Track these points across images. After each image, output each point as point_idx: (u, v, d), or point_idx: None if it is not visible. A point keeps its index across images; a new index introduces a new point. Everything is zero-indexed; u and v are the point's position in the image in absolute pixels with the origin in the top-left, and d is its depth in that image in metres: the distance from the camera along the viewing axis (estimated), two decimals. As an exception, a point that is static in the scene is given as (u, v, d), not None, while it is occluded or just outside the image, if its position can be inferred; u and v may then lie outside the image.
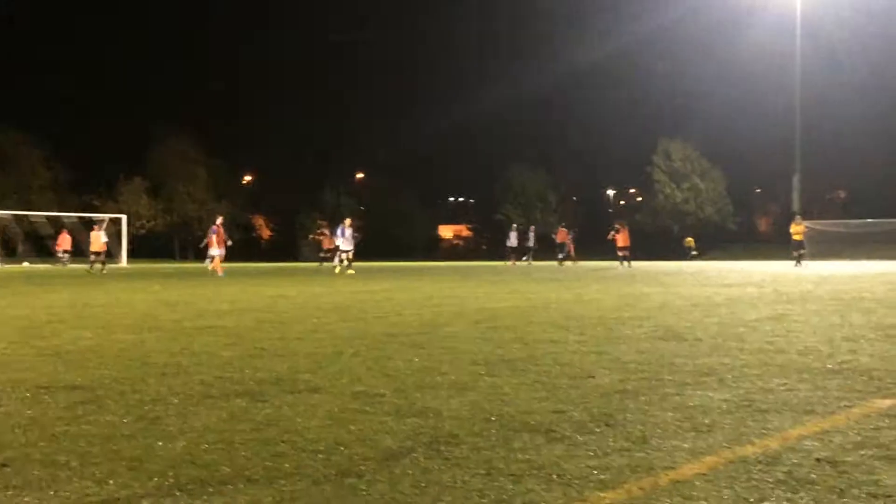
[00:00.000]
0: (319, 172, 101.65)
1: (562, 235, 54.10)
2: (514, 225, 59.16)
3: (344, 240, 37.46)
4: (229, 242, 37.04)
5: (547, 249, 58.05)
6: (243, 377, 6.87)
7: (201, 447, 4.58)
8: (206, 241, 36.28)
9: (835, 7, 68.67)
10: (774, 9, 65.70)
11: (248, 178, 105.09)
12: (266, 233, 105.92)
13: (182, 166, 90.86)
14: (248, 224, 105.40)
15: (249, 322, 11.86)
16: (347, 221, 38.26)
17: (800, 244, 42.20)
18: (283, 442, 4.68)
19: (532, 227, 57.15)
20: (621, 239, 45.09)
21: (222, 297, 18.18)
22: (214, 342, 9.32)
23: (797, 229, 42.44)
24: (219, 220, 35.97)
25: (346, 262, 36.60)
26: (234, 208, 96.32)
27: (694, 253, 67.91)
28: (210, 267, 34.85)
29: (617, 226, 45.91)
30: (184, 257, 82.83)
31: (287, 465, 4.20)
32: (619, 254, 44.68)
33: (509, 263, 52.30)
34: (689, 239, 71.49)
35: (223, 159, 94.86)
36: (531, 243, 55.09)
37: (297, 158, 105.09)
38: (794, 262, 41.91)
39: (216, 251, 34.42)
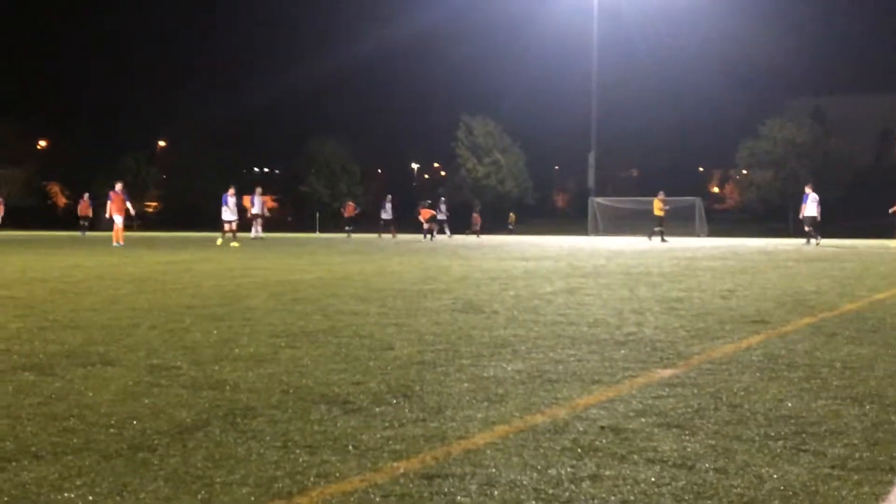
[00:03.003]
0: (120, 140, 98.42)
1: (350, 210, 56.05)
2: (389, 196, 56.70)
3: (228, 209, 35.31)
4: (132, 211, 34.78)
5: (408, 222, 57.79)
6: (32, 350, 6.63)
7: (-15, 423, 4.41)
8: (108, 209, 33.19)
9: (632, -8, 71.26)
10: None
11: (42, 143, 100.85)
12: (62, 200, 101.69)
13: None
14: (42, 191, 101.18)
15: (41, 292, 11.43)
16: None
17: (660, 220, 42.75)
18: (72, 416, 4.55)
19: (442, 199, 54.87)
20: (424, 213, 45.76)
21: (13, 265, 17.44)
22: (2, 313, 8.95)
23: (658, 205, 42.98)
24: (118, 186, 33.61)
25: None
26: (28, 174, 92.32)
27: (511, 227, 72.00)
28: (115, 240, 31.80)
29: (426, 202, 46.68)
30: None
31: (76, 440, 4.10)
32: (424, 227, 45.30)
33: (389, 237, 50.14)
34: (512, 214, 76.20)
35: (15, 122, 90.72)
36: (443, 216, 51.76)
37: (95, 125, 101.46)
38: (651, 237, 42.71)
39: (118, 218, 32.24)
